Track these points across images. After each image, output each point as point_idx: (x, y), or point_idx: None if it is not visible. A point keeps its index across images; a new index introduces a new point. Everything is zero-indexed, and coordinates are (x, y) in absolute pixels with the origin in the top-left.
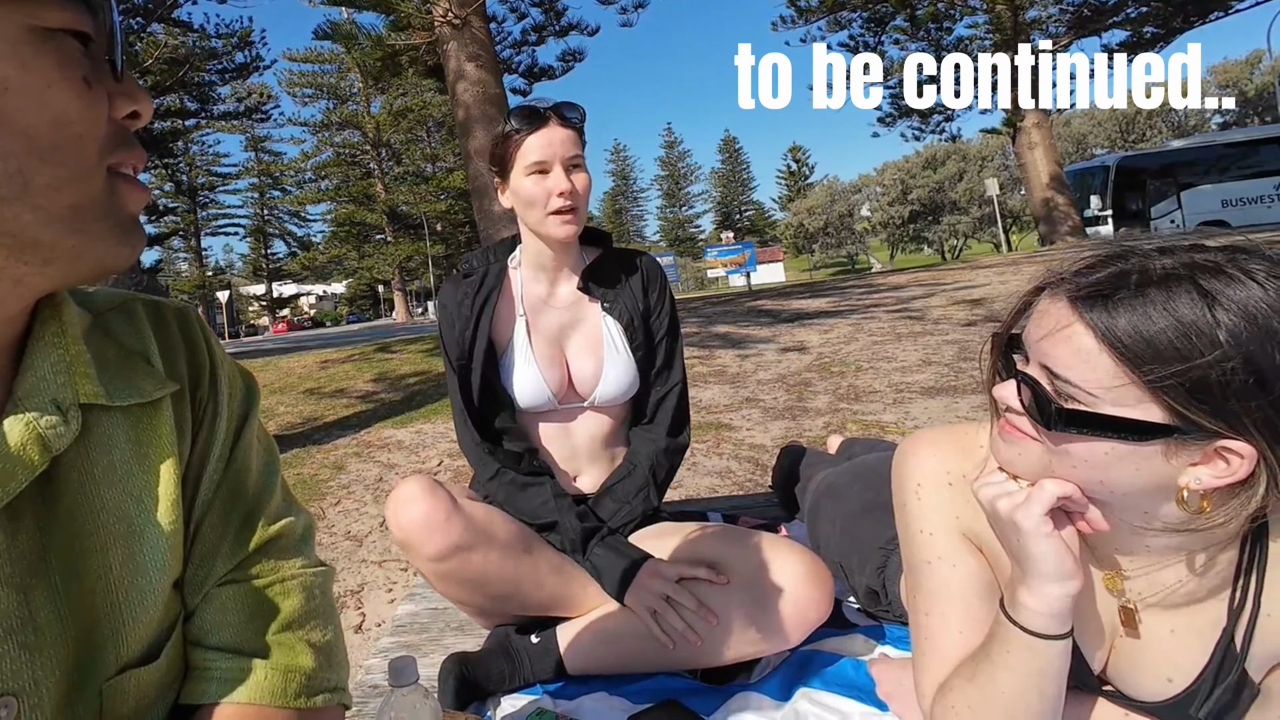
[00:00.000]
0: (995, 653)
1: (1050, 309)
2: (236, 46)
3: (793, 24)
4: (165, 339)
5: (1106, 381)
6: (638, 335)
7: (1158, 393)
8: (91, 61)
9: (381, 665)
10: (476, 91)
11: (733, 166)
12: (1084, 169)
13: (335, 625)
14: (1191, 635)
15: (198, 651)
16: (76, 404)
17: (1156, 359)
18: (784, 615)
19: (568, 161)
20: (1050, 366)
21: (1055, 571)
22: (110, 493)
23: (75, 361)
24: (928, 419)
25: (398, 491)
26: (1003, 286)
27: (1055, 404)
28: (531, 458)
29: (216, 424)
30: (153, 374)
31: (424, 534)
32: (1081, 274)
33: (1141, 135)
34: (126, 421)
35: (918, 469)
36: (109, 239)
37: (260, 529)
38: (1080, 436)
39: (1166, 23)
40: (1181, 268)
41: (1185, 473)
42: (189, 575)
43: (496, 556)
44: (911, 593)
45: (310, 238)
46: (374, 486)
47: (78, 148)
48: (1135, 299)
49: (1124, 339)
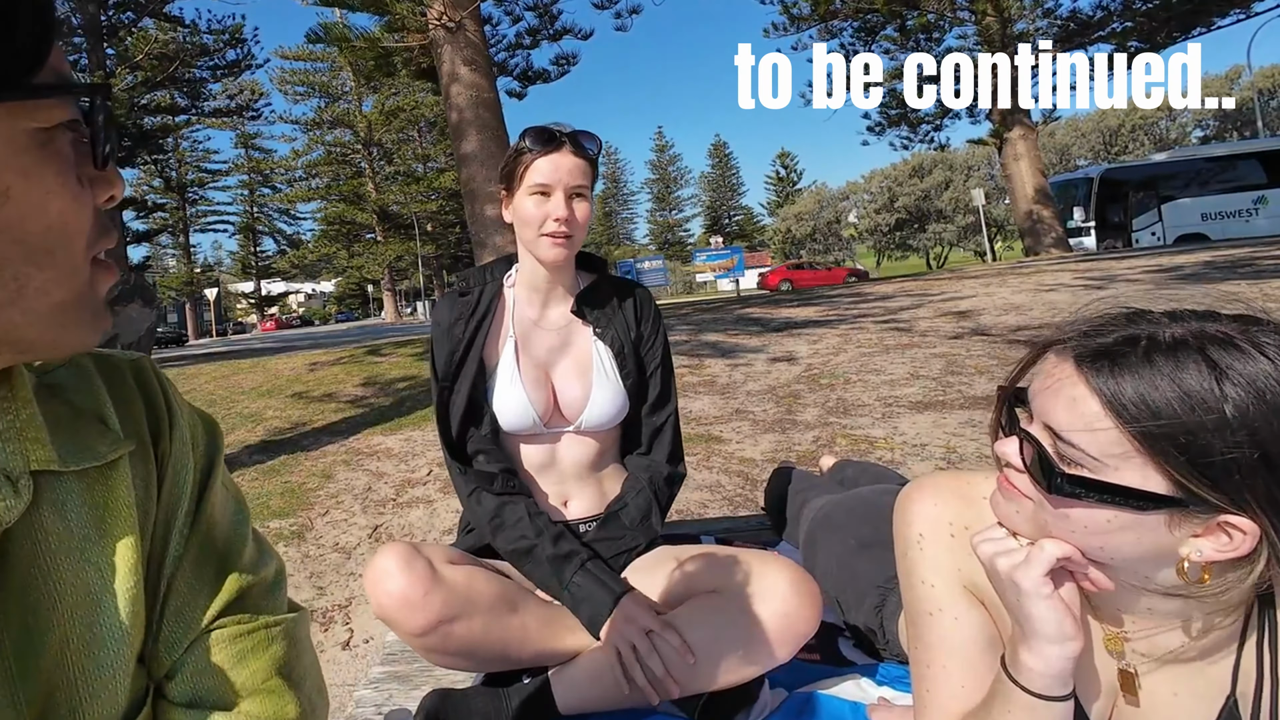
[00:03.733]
0: (996, 711)
1: (1056, 369)
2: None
3: (785, 31)
4: (120, 394)
5: (1110, 448)
6: (628, 363)
7: (1160, 462)
8: (79, 154)
9: (373, 698)
10: (470, 94)
11: (722, 171)
12: (1068, 180)
13: (316, 669)
14: (1194, 700)
15: (175, 713)
16: (28, 471)
17: (1161, 428)
18: (773, 629)
19: (571, 189)
20: (1054, 427)
21: (1055, 633)
22: (66, 562)
23: (26, 426)
24: (916, 434)
25: (374, 566)
26: (989, 299)
27: (1058, 469)
28: (507, 478)
29: (181, 476)
30: (107, 434)
31: (404, 612)
32: (1089, 336)
33: (1124, 148)
34: (81, 485)
35: (920, 518)
36: (84, 327)
37: (234, 580)
38: (1082, 502)
39: (1151, 37)
40: (1191, 337)
41: (1187, 544)
42: (165, 633)
43: (480, 623)
44: (912, 643)
45: (300, 236)
46: (362, 496)
47: (70, 248)
48: (1143, 366)
49: (1130, 406)
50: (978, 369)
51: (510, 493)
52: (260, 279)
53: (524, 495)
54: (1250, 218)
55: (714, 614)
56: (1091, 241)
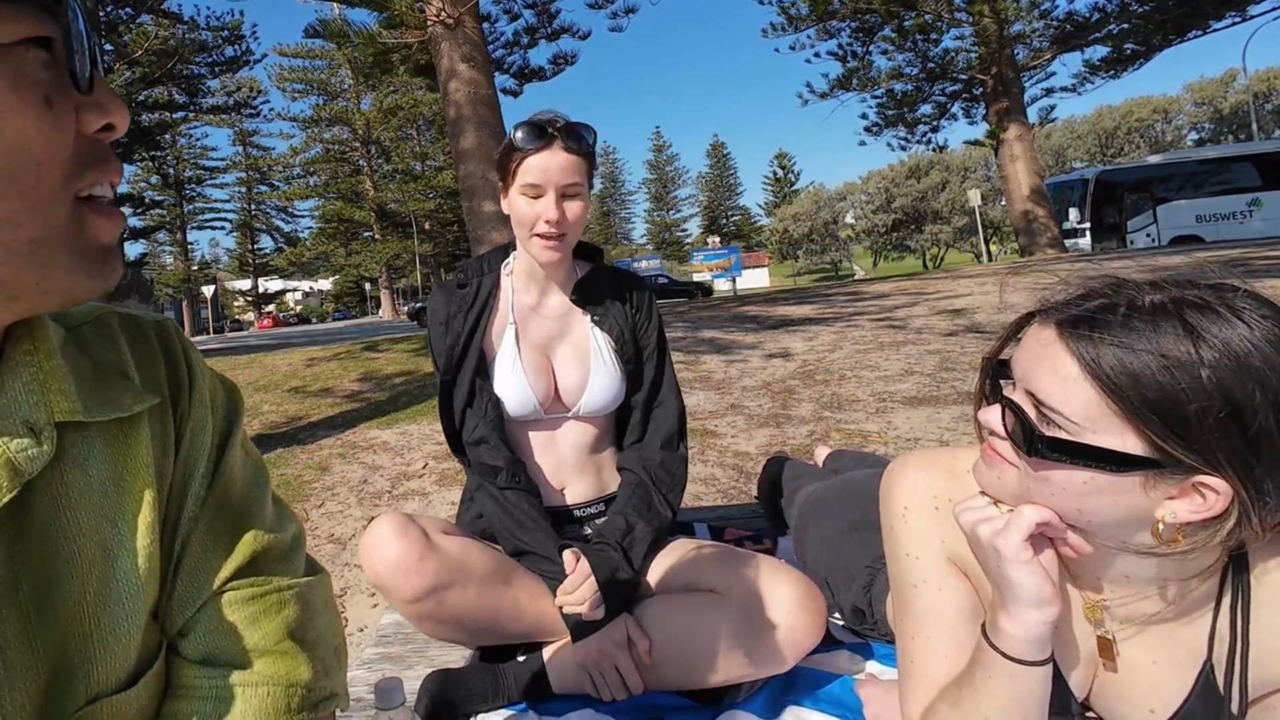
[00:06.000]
0: (978, 679)
1: (1038, 336)
2: (227, 40)
3: (783, 31)
4: (142, 352)
5: (1088, 411)
6: (628, 349)
7: (1138, 425)
8: (55, 74)
9: (366, 677)
10: (468, 91)
11: (720, 171)
12: (1063, 182)
13: (332, 630)
14: (1172, 667)
15: (188, 669)
16: (52, 423)
17: (1138, 391)
18: (778, 641)
19: (563, 188)
20: (1035, 393)
21: (1034, 598)
22: (85, 516)
23: (49, 378)
24: (910, 429)
25: (370, 533)
26: (984, 298)
27: (1037, 431)
28: (513, 469)
29: (199, 438)
30: (131, 388)
31: (398, 577)
32: (1071, 304)
33: (1120, 150)
34: (103, 439)
35: (905, 492)
36: (77, 273)
37: (249, 542)
38: (1060, 465)
39: (1146, 40)
40: (1170, 303)
41: (1162, 506)
42: (179, 592)
43: (474, 592)
44: (898, 615)
45: (297, 233)
46: (358, 489)
47: (37, 176)
48: (1122, 331)
49: (1108, 369)
50: (972, 365)
51: (514, 488)
52: (257, 276)
53: (528, 492)
54: (1244, 220)
55: (715, 618)
56: (1087, 243)
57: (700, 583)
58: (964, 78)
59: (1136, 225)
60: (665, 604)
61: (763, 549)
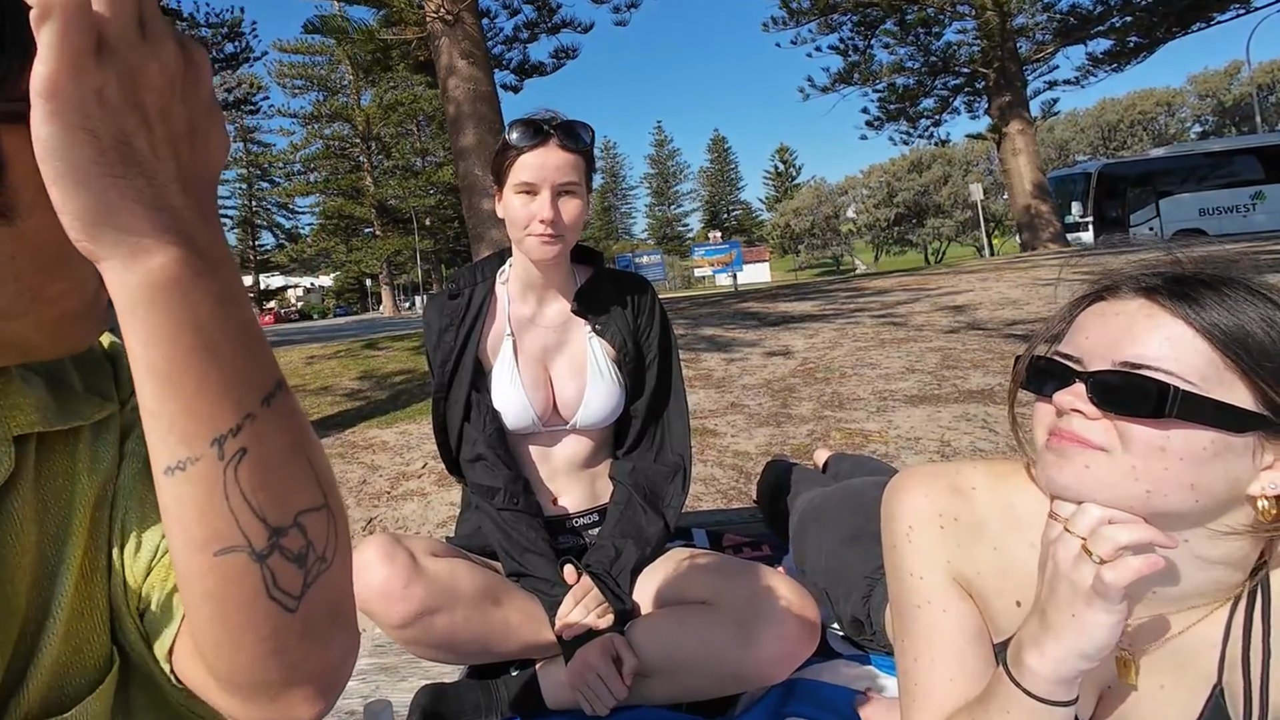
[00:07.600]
0: (994, 712)
1: (1118, 309)
2: (226, 36)
3: (784, 25)
4: (84, 360)
5: (1204, 370)
6: (630, 357)
7: (1253, 379)
8: None
9: (359, 689)
10: (468, 88)
11: (721, 166)
12: (1066, 175)
13: None
14: (1181, 691)
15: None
16: (10, 439)
17: (1251, 346)
18: (770, 652)
19: (559, 187)
20: (1135, 360)
21: (1096, 647)
22: (36, 532)
23: (5, 392)
24: (910, 427)
25: (355, 556)
26: (985, 294)
27: (1172, 386)
28: (511, 489)
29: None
30: (87, 398)
31: (384, 603)
32: (1155, 275)
33: (1123, 143)
34: (59, 451)
35: (909, 510)
36: (85, 333)
37: None
38: (1187, 425)
39: (1150, 32)
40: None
41: (1258, 479)
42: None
43: (462, 615)
44: (899, 635)
45: (298, 230)
46: (357, 489)
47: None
48: (1221, 297)
49: (1222, 326)
50: (973, 363)
51: (512, 509)
52: (258, 273)
53: (526, 512)
54: (1248, 213)
55: (705, 630)
56: (1089, 237)
57: (691, 594)
58: (966, 71)
59: (1139, 219)
60: (654, 618)
61: (761, 556)
